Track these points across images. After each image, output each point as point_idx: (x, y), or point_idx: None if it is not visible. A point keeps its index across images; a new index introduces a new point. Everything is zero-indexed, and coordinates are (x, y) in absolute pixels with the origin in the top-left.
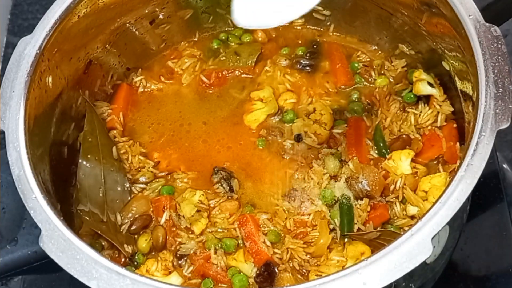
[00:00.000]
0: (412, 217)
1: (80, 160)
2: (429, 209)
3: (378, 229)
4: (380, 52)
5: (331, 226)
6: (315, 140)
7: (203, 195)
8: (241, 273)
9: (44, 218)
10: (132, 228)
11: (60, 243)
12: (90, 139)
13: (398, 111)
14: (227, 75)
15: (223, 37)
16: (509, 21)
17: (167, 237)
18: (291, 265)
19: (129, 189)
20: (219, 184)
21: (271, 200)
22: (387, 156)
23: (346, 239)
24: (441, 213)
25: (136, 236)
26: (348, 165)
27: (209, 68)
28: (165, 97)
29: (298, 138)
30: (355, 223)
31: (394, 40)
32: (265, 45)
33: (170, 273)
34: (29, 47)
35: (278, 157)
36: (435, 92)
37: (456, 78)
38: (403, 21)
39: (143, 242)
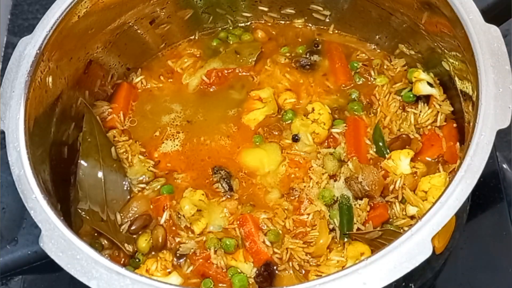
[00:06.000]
0: (412, 217)
1: (79, 160)
2: (429, 209)
3: (379, 228)
4: (379, 51)
5: (331, 226)
6: (313, 139)
7: (203, 194)
8: (241, 273)
9: (44, 218)
10: (132, 228)
11: (60, 243)
12: (89, 139)
13: (397, 111)
14: (227, 74)
15: (223, 36)
16: (509, 21)
17: (167, 237)
18: (291, 265)
19: (129, 188)
20: (219, 184)
21: (271, 199)
22: (387, 156)
23: (346, 239)
24: (441, 213)
25: (136, 236)
26: (347, 164)
27: (209, 67)
28: (165, 97)
29: (296, 138)
30: (354, 223)
31: (394, 39)
32: (265, 44)
33: (170, 273)
34: (29, 47)
35: (277, 157)
36: (435, 92)
37: (456, 78)
38: (402, 21)
39: (143, 242)
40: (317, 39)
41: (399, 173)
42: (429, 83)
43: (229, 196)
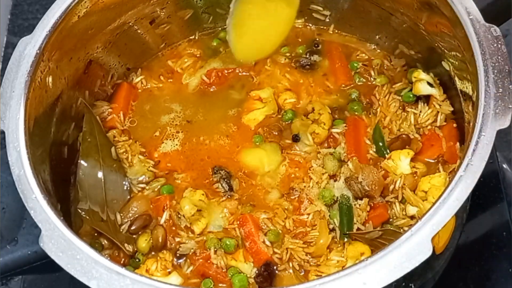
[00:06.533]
0: (412, 217)
1: (79, 160)
2: (429, 209)
3: (379, 228)
4: (379, 51)
5: (331, 226)
6: (313, 139)
7: (203, 194)
8: (241, 273)
9: (44, 218)
10: (132, 228)
11: (60, 243)
12: (89, 139)
13: (397, 111)
14: (227, 74)
15: (223, 36)
16: (509, 21)
17: (167, 237)
18: (291, 265)
19: (128, 188)
20: (219, 184)
21: (271, 199)
22: (387, 156)
23: (346, 239)
24: (441, 213)
25: (136, 236)
26: (348, 165)
27: (209, 67)
28: (165, 96)
29: (296, 138)
30: (354, 223)
31: (394, 39)
32: None
33: (170, 273)
34: (29, 47)
35: (277, 157)
36: (435, 92)
37: (456, 78)
38: (402, 21)
39: (143, 242)
40: (317, 39)
41: (399, 173)
42: (429, 83)
43: (229, 196)
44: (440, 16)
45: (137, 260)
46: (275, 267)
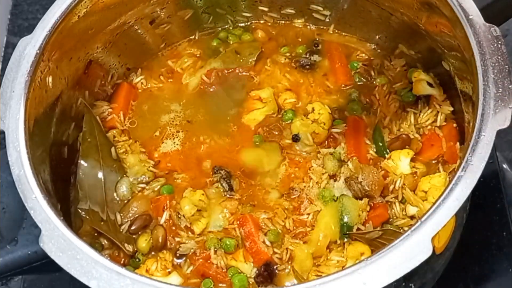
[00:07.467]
0: (412, 217)
1: (79, 160)
2: (429, 208)
3: (379, 228)
4: (379, 51)
5: None
6: (313, 139)
7: (203, 194)
8: (241, 273)
9: (44, 218)
10: (132, 228)
11: (60, 243)
12: (89, 139)
13: (397, 111)
14: (227, 74)
15: (223, 36)
16: (509, 21)
17: (167, 237)
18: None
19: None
20: (219, 184)
21: (271, 199)
22: (387, 156)
23: (346, 239)
24: (440, 213)
25: (136, 236)
26: (347, 164)
27: (209, 67)
28: (165, 96)
29: (296, 138)
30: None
31: (394, 39)
32: (265, 44)
33: (170, 273)
34: (29, 47)
35: (277, 157)
36: (435, 92)
37: (456, 78)
38: (402, 21)
39: (143, 242)
40: (317, 39)
41: (399, 173)
42: (429, 83)
43: (229, 196)
44: (440, 16)
45: (137, 260)
46: (275, 267)
